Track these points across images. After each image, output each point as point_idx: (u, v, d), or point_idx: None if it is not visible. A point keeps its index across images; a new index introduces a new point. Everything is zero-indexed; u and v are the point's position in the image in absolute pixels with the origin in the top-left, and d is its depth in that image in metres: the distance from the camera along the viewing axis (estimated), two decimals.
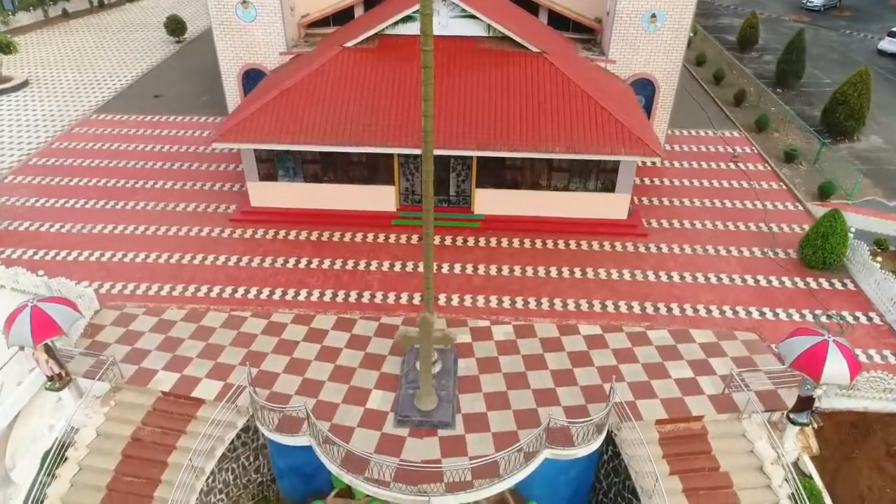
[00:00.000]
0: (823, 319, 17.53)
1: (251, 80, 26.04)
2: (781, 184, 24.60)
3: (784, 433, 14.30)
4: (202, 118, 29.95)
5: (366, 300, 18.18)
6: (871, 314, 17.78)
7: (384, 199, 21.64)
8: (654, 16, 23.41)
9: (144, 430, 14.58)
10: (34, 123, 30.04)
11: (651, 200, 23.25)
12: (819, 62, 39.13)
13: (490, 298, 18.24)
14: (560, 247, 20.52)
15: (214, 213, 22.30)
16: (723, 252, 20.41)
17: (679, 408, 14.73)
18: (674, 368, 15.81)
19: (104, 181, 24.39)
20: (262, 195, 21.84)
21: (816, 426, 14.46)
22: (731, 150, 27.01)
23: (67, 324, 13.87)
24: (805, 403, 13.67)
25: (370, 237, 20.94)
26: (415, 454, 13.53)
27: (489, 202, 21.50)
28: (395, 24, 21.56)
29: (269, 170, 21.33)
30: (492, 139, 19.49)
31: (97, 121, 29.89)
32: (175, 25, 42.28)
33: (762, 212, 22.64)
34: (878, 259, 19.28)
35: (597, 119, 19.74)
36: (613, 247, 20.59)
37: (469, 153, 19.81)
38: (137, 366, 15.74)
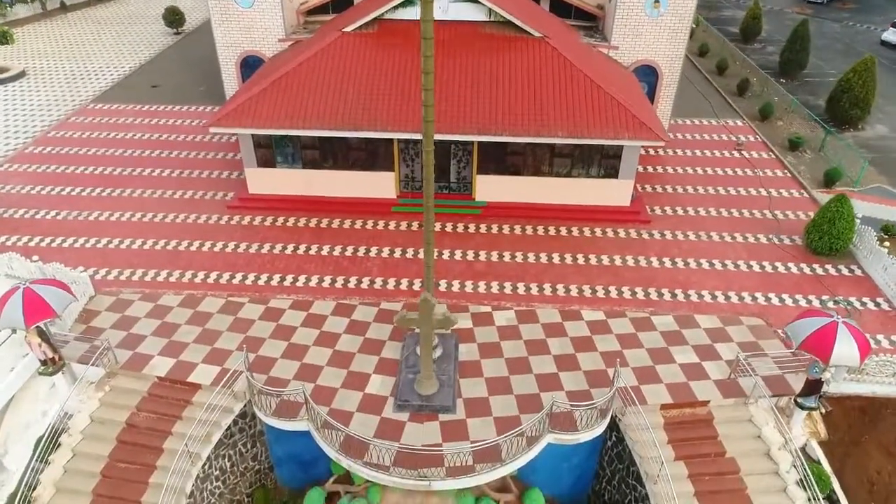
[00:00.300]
0: (831, 305, 17.24)
1: (250, 68, 25.77)
2: (786, 171, 24.32)
3: (791, 418, 14.01)
4: (200, 108, 29.70)
5: (365, 286, 17.92)
6: (879, 300, 17.50)
7: (384, 186, 21.34)
8: (658, 0, 23.11)
9: (139, 416, 14.30)
10: (30, 113, 29.75)
11: (655, 188, 22.96)
12: (823, 53, 38.81)
13: (491, 284, 17.97)
14: (563, 234, 20.23)
15: (212, 201, 22.01)
16: (728, 238, 20.13)
17: (684, 393, 14.44)
18: (679, 354, 15.53)
19: (101, 169, 24.14)
20: (261, 182, 21.54)
21: (824, 411, 14.18)
22: (735, 139, 26.71)
23: (61, 307, 13.53)
24: (813, 387, 13.38)
25: (370, 224, 20.66)
26: (415, 439, 13.26)
27: (491, 189, 21.18)
28: (395, 9, 21.24)
29: (268, 156, 21.02)
30: (493, 124, 19.18)
31: (94, 110, 29.62)
32: (173, 17, 42.03)
33: (767, 199, 22.35)
34: (886, 245, 19.00)
35: (600, 103, 19.43)
36: (617, 233, 20.29)
37: (470, 138, 19.51)
38: (133, 351, 15.47)
